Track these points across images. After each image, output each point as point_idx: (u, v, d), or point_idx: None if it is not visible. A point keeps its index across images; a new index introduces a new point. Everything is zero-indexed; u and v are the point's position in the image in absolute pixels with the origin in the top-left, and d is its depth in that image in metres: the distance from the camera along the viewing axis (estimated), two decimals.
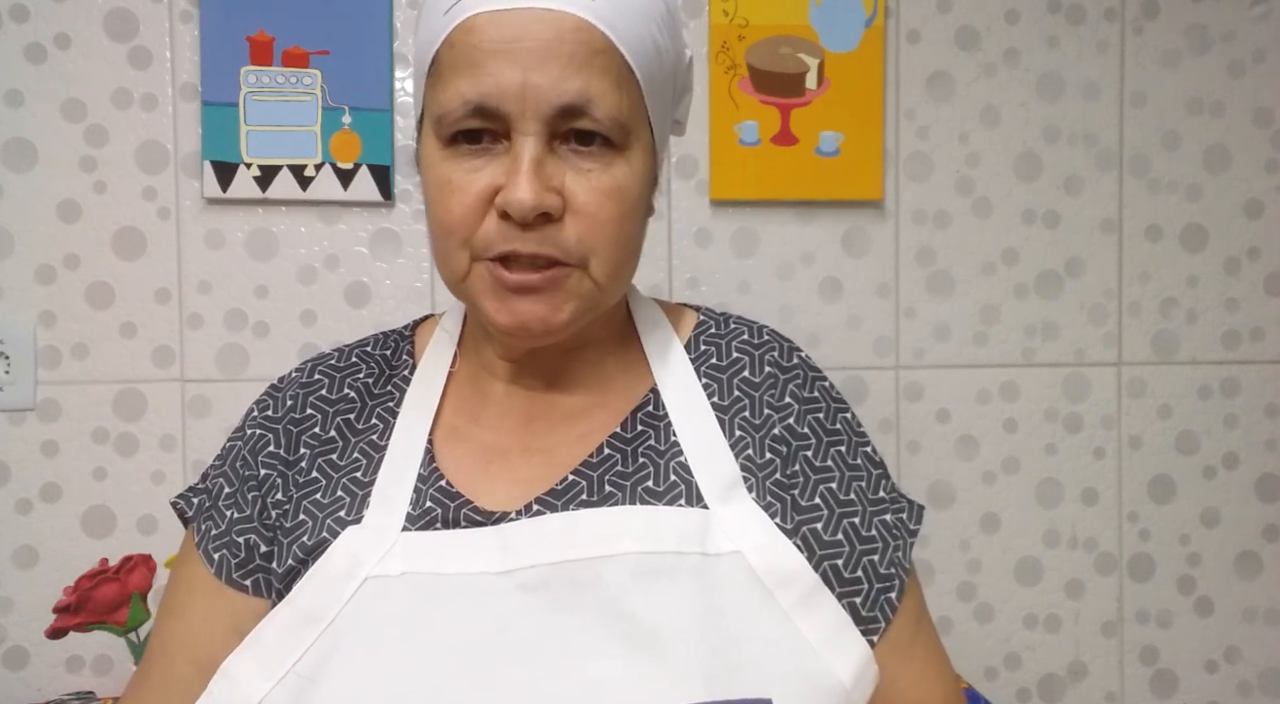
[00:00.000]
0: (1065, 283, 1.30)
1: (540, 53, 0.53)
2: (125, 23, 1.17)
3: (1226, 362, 1.32)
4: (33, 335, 1.16)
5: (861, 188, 1.24)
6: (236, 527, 0.62)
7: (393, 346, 0.69)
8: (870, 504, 0.62)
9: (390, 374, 0.66)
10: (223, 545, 0.62)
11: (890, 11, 1.26)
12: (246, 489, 0.62)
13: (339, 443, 0.63)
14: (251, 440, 0.64)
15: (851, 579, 0.59)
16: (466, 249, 0.56)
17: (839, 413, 0.65)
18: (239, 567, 0.61)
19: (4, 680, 1.16)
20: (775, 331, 0.69)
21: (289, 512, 0.61)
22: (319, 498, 0.61)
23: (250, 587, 0.61)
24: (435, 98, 0.57)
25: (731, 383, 0.64)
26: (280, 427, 0.64)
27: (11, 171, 1.16)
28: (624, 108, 0.56)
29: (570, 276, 0.57)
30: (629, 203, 0.58)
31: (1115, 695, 1.31)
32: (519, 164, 0.54)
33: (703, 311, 0.71)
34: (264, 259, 1.19)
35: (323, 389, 0.66)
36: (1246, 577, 1.32)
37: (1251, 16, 1.31)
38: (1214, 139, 1.31)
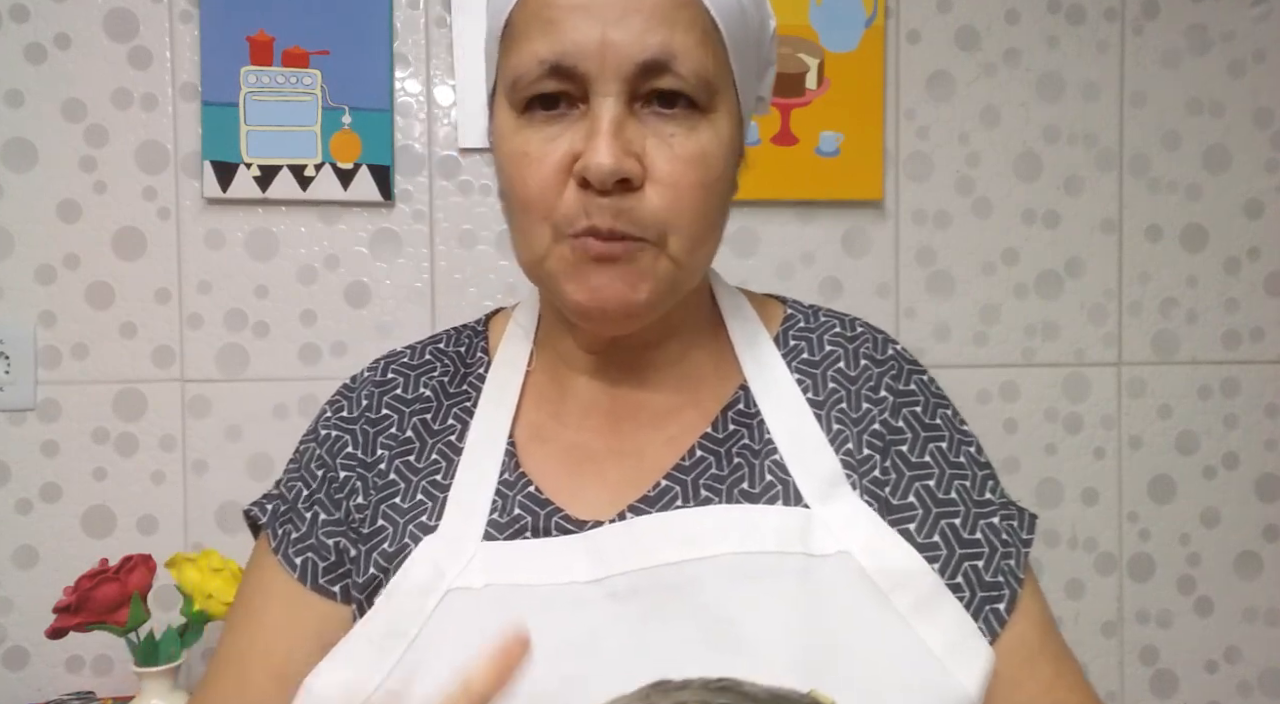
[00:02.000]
0: (1065, 283, 1.30)
1: (620, 7, 0.50)
2: (125, 23, 1.17)
3: (1226, 361, 1.32)
4: (33, 335, 1.16)
5: (861, 188, 1.24)
6: (324, 529, 0.59)
7: (467, 343, 0.66)
8: (975, 506, 0.58)
9: (465, 372, 0.64)
10: (307, 548, 0.58)
11: (890, 11, 1.26)
12: (331, 490, 0.60)
13: (416, 444, 0.60)
14: (328, 442, 0.62)
15: (951, 586, 0.54)
16: (548, 225, 0.53)
17: (939, 408, 0.62)
18: (326, 572, 0.58)
19: (4, 680, 1.16)
20: (869, 324, 0.65)
21: (368, 517, 0.58)
22: (398, 502, 0.58)
23: (339, 593, 0.58)
24: (508, 63, 0.53)
25: (826, 376, 0.61)
26: (357, 427, 0.61)
27: (11, 171, 1.16)
28: (709, 66, 0.52)
29: (646, 252, 0.52)
30: (714, 171, 0.53)
31: (1115, 695, 1.31)
32: (598, 125, 0.50)
33: (790, 303, 0.67)
34: (264, 259, 1.19)
35: (398, 388, 0.63)
36: (1246, 577, 1.32)
37: (1251, 16, 1.31)
38: (1214, 139, 1.31)
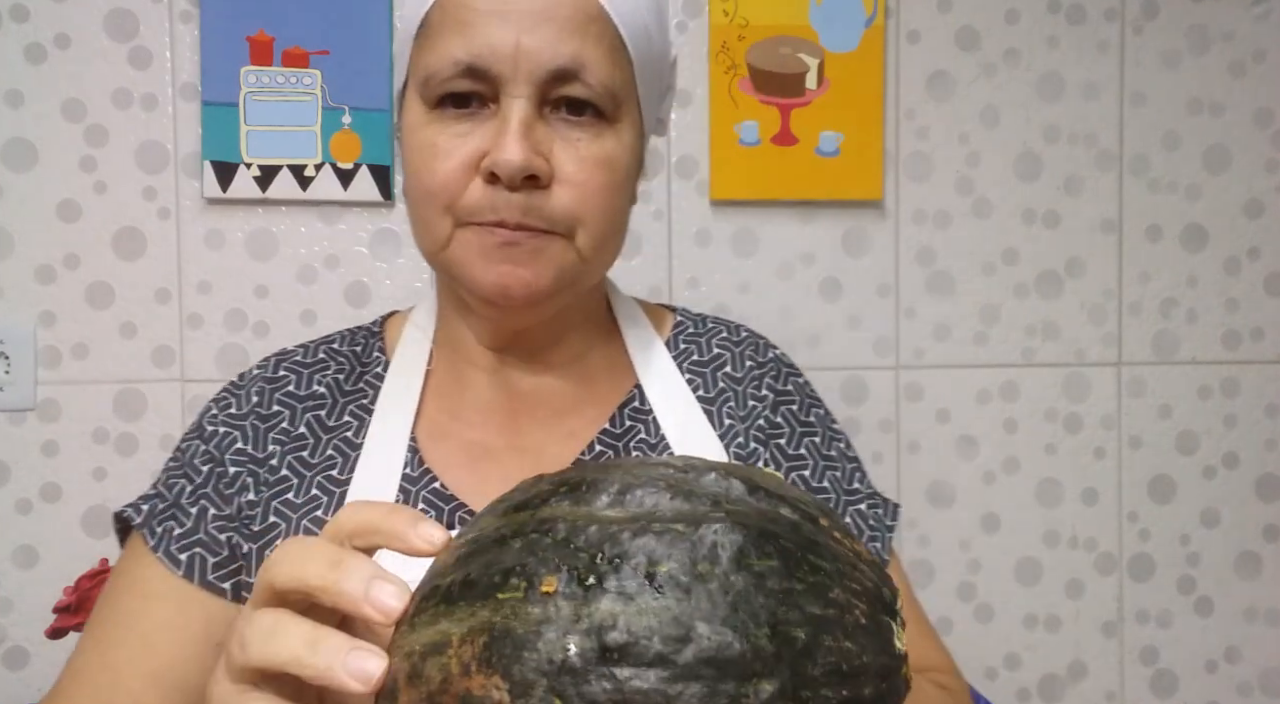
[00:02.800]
0: (1065, 283, 1.30)
1: (535, 15, 0.52)
2: (125, 23, 1.17)
3: (1226, 362, 1.32)
4: (33, 335, 1.16)
5: (861, 188, 1.24)
6: (213, 524, 0.58)
7: (363, 343, 0.66)
8: (845, 494, 0.63)
9: (361, 371, 0.64)
10: (194, 544, 0.57)
11: (890, 11, 1.26)
12: (220, 485, 0.59)
13: (310, 440, 0.60)
14: (215, 438, 0.61)
15: None
16: (449, 215, 0.55)
17: (812, 407, 0.66)
18: (217, 567, 0.57)
19: (4, 680, 1.16)
20: (752, 331, 0.69)
21: (259, 513, 0.58)
22: (291, 498, 0.58)
23: (229, 591, 0.56)
24: (422, 60, 0.55)
25: (715, 376, 0.64)
26: (246, 423, 0.61)
27: (11, 171, 1.16)
28: (616, 79, 0.55)
29: (554, 244, 0.55)
30: (618, 175, 0.56)
31: (1115, 695, 1.31)
32: (508, 124, 0.52)
33: (679, 312, 0.71)
34: (264, 259, 1.19)
35: (289, 385, 0.63)
36: (1246, 577, 1.32)
37: (1251, 16, 1.31)
38: (1214, 139, 1.31)
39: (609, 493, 0.29)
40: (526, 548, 0.28)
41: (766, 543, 0.27)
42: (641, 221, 1.24)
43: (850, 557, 0.29)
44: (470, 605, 0.28)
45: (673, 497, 0.29)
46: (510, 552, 0.28)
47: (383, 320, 0.69)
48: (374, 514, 0.34)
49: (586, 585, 0.26)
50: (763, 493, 0.30)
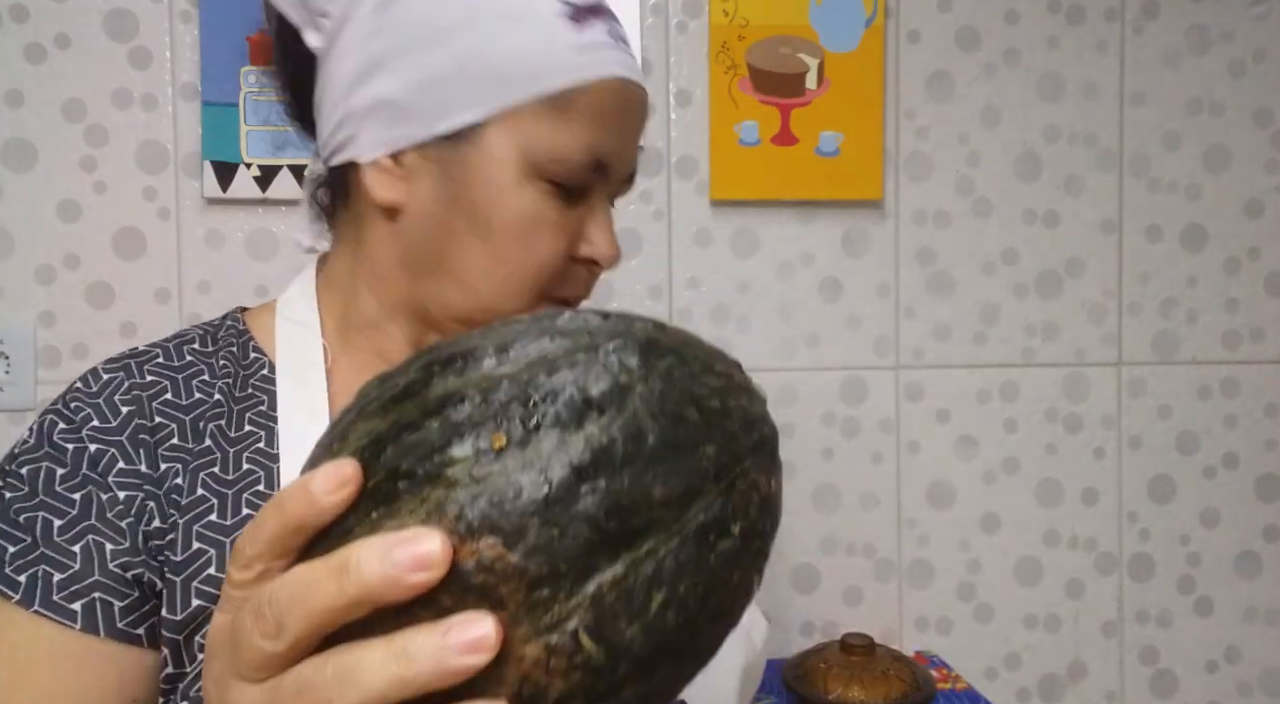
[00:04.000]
0: (1065, 283, 1.30)
1: (638, 126, 0.58)
2: (125, 23, 1.17)
3: (1226, 362, 1.32)
4: (33, 335, 1.16)
5: (861, 188, 1.24)
6: (114, 561, 0.49)
7: (233, 343, 0.60)
8: None
9: (245, 374, 0.58)
10: (91, 588, 0.48)
11: (890, 11, 1.26)
12: (110, 514, 0.50)
13: (217, 454, 0.54)
14: (83, 458, 0.51)
15: None
16: (534, 291, 0.55)
17: None
18: (127, 612, 0.48)
19: None
20: None
21: (175, 542, 0.51)
22: (216, 519, 0.52)
23: (144, 636, 0.49)
24: (548, 132, 0.53)
25: None
26: (124, 438, 0.53)
27: (11, 171, 1.16)
28: None
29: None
30: None
31: (1115, 695, 1.31)
32: (607, 222, 0.57)
33: None
34: (264, 259, 1.19)
35: (166, 392, 0.55)
36: (1246, 577, 1.32)
37: (1251, 16, 1.31)
38: (1214, 139, 1.31)
39: (489, 355, 0.30)
40: (448, 424, 0.28)
41: (654, 347, 0.30)
42: (641, 221, 1.24)
43: (696, 340, 0.34)
44: (416, 494, 0.27)
45: (550, 338, 0.30)
46: (431, 432, 0.28)
47: (236, 317, 0.63)
48: (270, 521, 0.29)
49: (532, 427, 0.27)
50: (610, 316, 0.32)
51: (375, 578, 0.26)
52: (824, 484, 1.26)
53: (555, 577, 0.26)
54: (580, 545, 0.26)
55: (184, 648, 0.49)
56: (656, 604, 0.27)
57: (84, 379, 0.56)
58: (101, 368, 0.56)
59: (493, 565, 0.26)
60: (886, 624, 1.27)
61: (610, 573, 0.27)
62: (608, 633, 0.27)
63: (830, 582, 1.27)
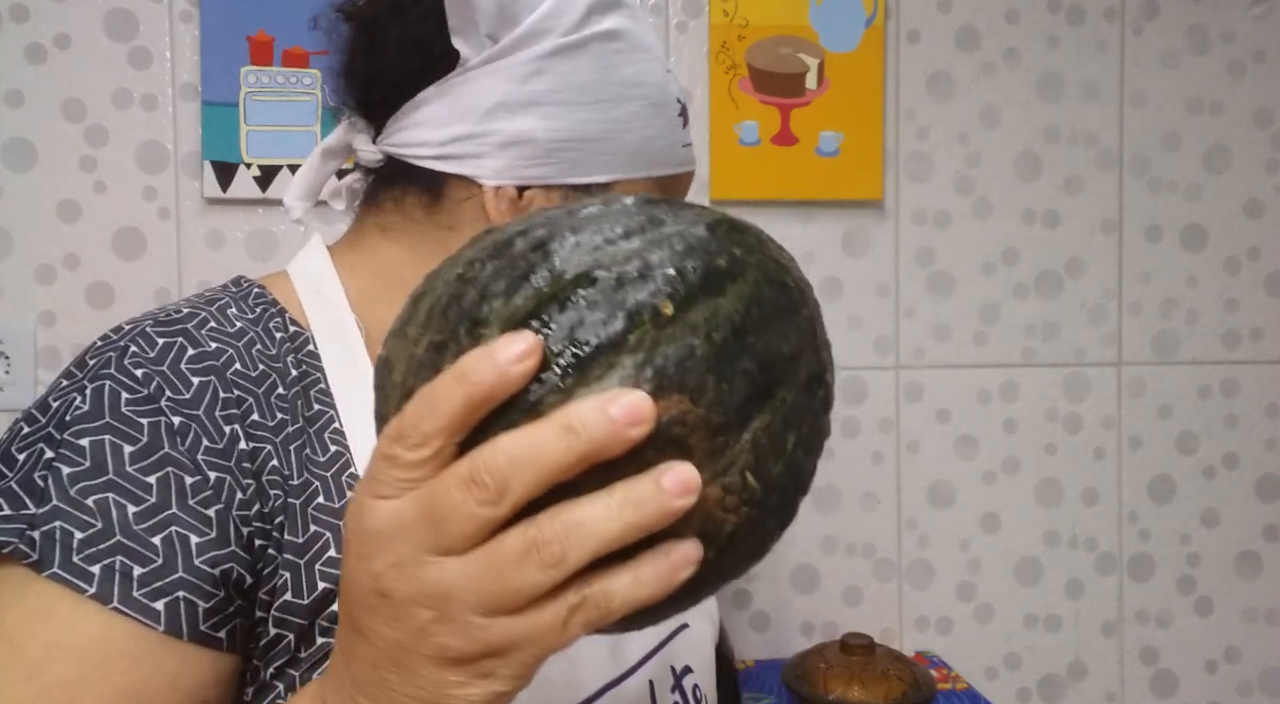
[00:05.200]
0: (1065, 283, 1.30)
1: None
2: (125, 23, 1.17)
3: (1226, 362, 1.32)
4: (33, 335, 1.16)
5: (861, 188, 1.24)
6: (203, 556, 0.45)
7: (267, 312, 0.56)
8: None
9: (293, 348, 0.55)
10: (175, 586, 0.44)
11: (890, 11, 1.26)
12: (193, 501, 0.45)
13: (305, 434, 0.51)
14: (161, 434, 0.46)
15: None
16: None
17: None
18: (212, 612, 0.45)
19: None
20: None
21: (288, 524, 0.48)
22: (323, 502, 0.50)
23: (225, 639, 0.46)
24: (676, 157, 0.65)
25: None
26: (202, 413, 0.47)
27: (11, 171, 1.16)
28: None
29: None
30: None
31: (1115, 695, 1.31)
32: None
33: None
34: (264, 259, 1.19)
35: (236, 363, 0.51)
36: (1246, 577, 1.32)
37: (1251, 16, 1.31)
38: (1214, 139, 1.31)
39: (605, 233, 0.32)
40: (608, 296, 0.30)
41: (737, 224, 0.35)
42: None
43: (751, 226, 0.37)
44: (603, 361, 0.29)
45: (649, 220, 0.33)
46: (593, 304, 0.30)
47: (252, 287, 0.59)
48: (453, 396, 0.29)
49: (685, 296, 0.30)
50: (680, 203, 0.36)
51: (602, 433, 0.28)
52: (824, 484, 1.26)
53: (727, 426, 0.30)
54: (743, 397, 0.30)
55: (310, 632, 0.47)
56: (791, 444, 0.32)
57: (136, 342, 0.49)
58: (151, 329, 0.50)
59: (684, 418, 0.29)
60: (886, 624, 1.27)
61: (760, 420, 0.31)
62: (764, 471, 0.31)
63: (830, 582, 1.27)
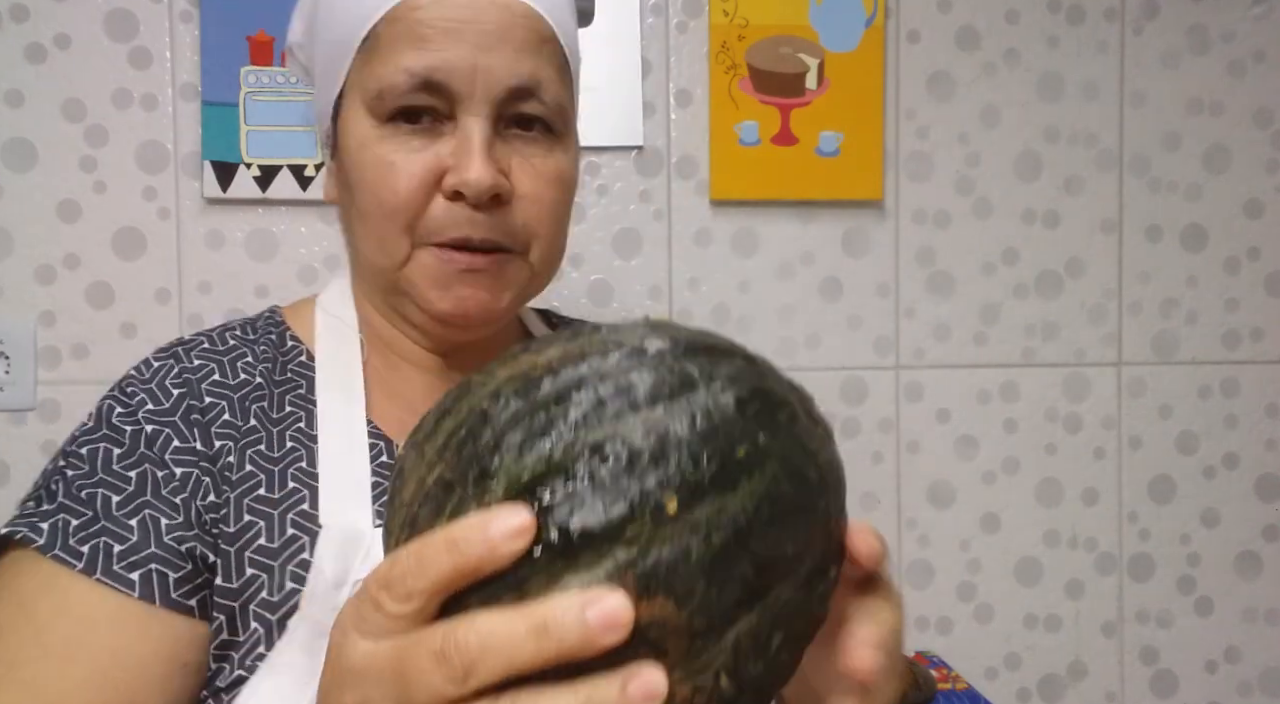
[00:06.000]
0: (1065, 283, 1.30)
1: (494, 35, 0.53)
2: (125, 23, 1.17)
3: (1226, 362, 1.32)
4: (33, 335, 1.16)
5: (861, 188, 1.24)
6: (170, 535, 0.51)
7: (272, 332, 0.63)
8: None
9: (283, 360, 0.60)
10: (147, 559, 0.50)
11: (890, 11, 1.26)
12: (165, 490, 0.52)
13: (262, 432, 0.56)
14: (140, 438, 0.54)
15: None
16: (409, 235, 0.55)
17: None
18: (181, 582, 0.51)
19: None
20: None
21: (228, 515, 0.53)
22: (264, 493, 0.54)
23: (196, 607, 0.51)
24: (371, 72, 0.55)
25: None
26: (177, 419, 0.55)
27: (11, 171, 1.16)
28: (564, 97, 0.57)
29: (513, 263, 0.57)
30: (568, 190, 0.58)
31: (1115, 695, 1.31)
32: (470, 143, 0.53)
33: (552, 315, 0.75)
34: (264, 259, 1.19)
35: (214, 375, 0.58)
36: (1246, 577, 1.32)
37: (1251, 16, 1.31)
38: (1214, 139, 1.31)
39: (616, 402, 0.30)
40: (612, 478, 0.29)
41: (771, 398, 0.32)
42: (642, 221, 1.24)
43: (787, 381, 0.35)
44: (596, 551, 0.28)
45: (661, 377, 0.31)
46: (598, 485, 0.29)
47: (272, 312, 0.66)
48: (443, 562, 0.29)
49: (694, 489, 0.29)
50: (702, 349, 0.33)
51: (574, 637, 0.27)
52: None
53: (709, 629, 0.29)
54: (732, 601, 0.29)
55: (239, 616, 0.52)
56: (776, 644, 0.31)
57: (137, 368, 0.59)
58: (152, 357, 0.60)
59: (665, 622, 0.28)
60: None
61: (747, 622, 0.30)
62: (741, 672, 0.30)
63: None
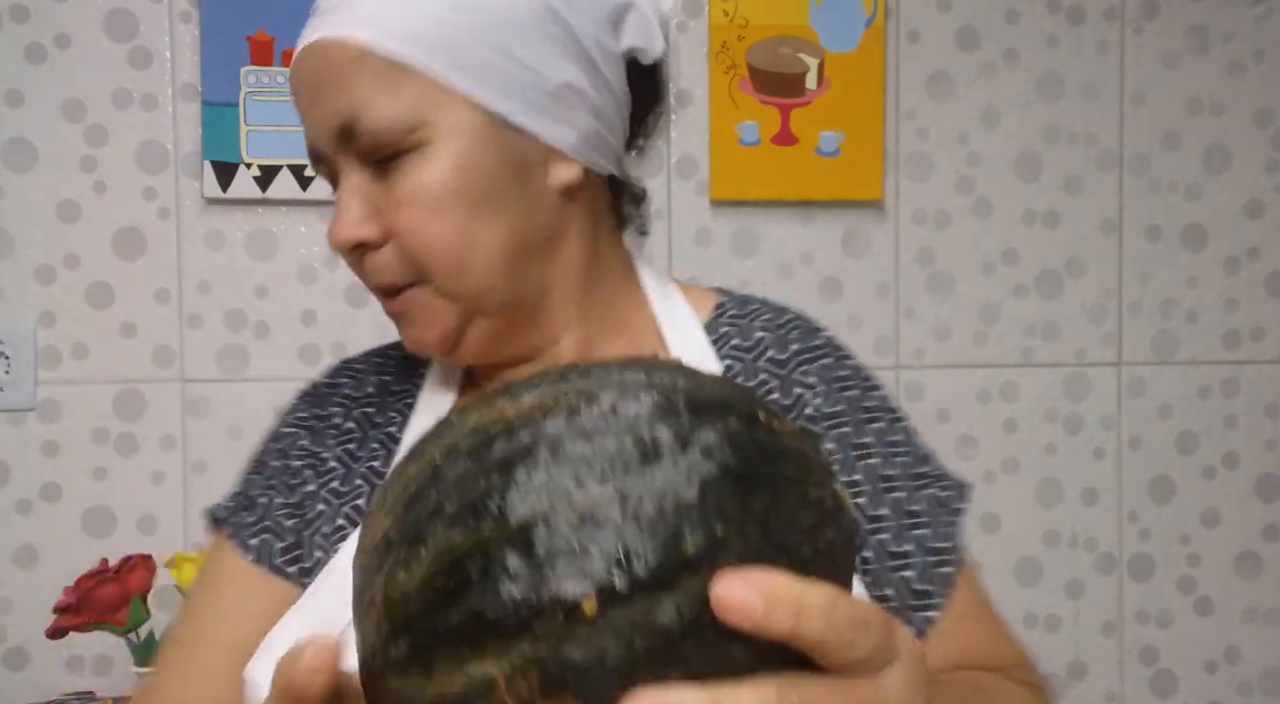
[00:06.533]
0: (1065, 283, 1.30)
1: (312, 90, 0.53)
2: (125, 23, 1.17)
3: (1226, 361, 1.32)
4: (33, 335, 1.16)
5: (861, 188, 1.24)
6: (279, 512, 0.61)
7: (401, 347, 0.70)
8: (914, 479, 0.61)
9: (410, 372, 0.66)
10: (262, 531, 0.60)
11: (890, 11, 1.26)
12: (286, 478, 0.63)
13: (357, 433, 0.63)
14: (282, 438, 0.65)
15: (900, 553, 0.58)
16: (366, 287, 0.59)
17: (870, 390, 0.66)
18: (283, 552, 0.60)
19: (4, 680, 1.16)
20: (801, 313, 0.68)
21: (313, 502, 0.61)
22: (336, 486, 0.61)
23: (295, 574, 0.59)
24: None
25: (756, 365, 0.63)
26: (307, 425, 0.65)
27: (11, 171, 1.16)
28: (399, 104, 0.51)
29: (421, 294, 0.54)
30: (434, 199, 0.52)
31: (1115, 695, 1.31)
32: (337, 201, 0.54)
33: (722, 292, 0.70)
34: (264, 259, 1.19)
35: (346, 387, 0.66)
36: (1246, 577, 1.32)
37: (1251, 16, 1.31)
38: (1214, 139, 1.31)
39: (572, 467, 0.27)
40: (535, 564, 0.26)
41: (750, 481, 0.27)
42: None
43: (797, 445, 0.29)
44: (502, 642, 0.26)
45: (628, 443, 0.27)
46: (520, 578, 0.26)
47: None
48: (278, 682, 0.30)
49: (625, 591, 0.25)
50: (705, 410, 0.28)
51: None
52: None
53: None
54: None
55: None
56: None
57: (312, 380, 0.69)
58: (317, 375, 0.70)
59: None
60: None
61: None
62: None
63: None
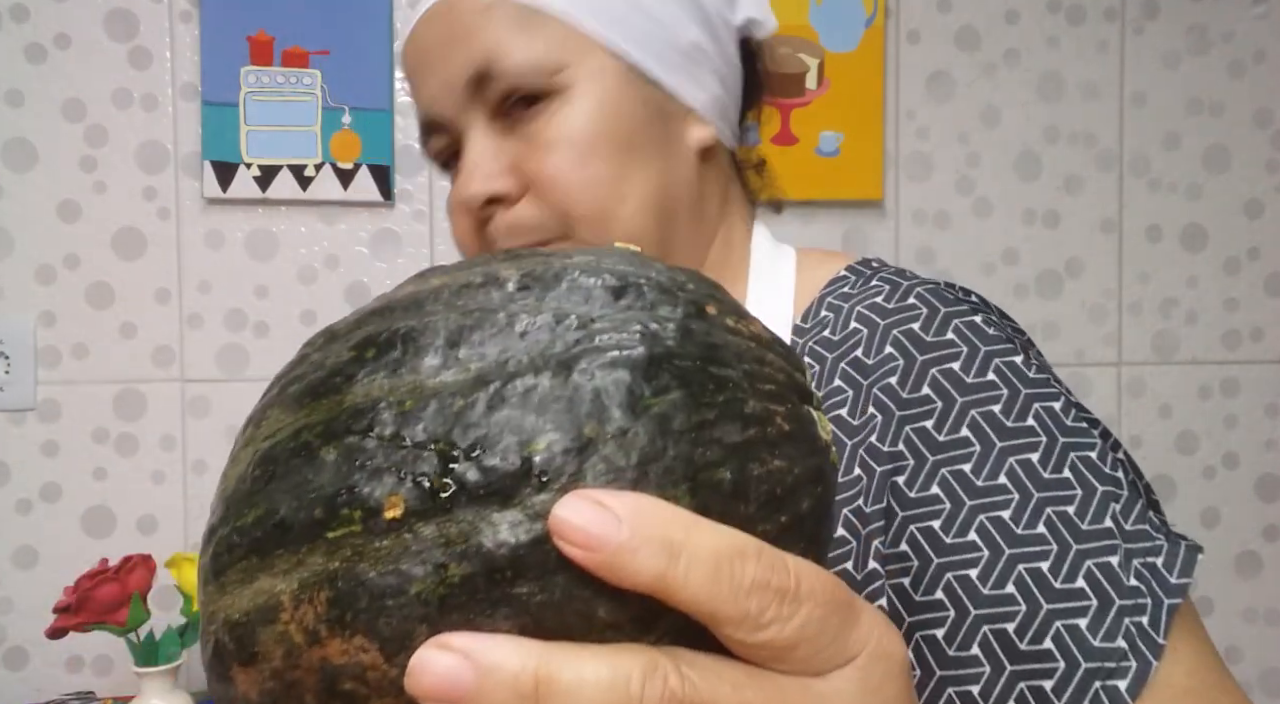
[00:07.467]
0: (1065, 283, 1.30)
1: (438, 48, 0.50)
2: (125, 23, 1.17)
3: (1226, 362, 1.32)
4: (33, 335, 1.16)
5: (861, 188, 1.24)
6: None
7: None
8: (1084, 541, 0.39)
9: None
10: None
11: (890, 11, 1.26)
12: None
13: None
14: None
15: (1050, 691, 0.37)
16: None
17: (1028, 405, 0.42)
18: None
19: (4, 680, 1.16)
20: (940, 292, 0.48)
21: None
22: None
23: None
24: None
25: (837, 367, 0.48)
26: None
27: (11, 171, 1.16)
28: (538, 46, 0.49)
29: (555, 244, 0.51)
30: (583, 143, 0.49)
31: None
32: (464, 160, 0.50)
33: (854, 266, 0.55)
34: (264, 259, 1.20)
35: None
36: (1246, 577, 1.32)
37: (1251, 16, 1.31)
38: (1214, 139, 1.31)
39: (435, 348, 0.22)
40: (345, 459, 0.21)
41: (659, 370, 0.21)
42: None
43: (752, 347, 0.23)
44: (293, 552, 0.21)
45: (522, 332, 0.22)
46: (325, 468, 0.21)
47: None
48: None
49: (444, 497, 0.20)
50: (631, 291, 0.23)
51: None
52: None
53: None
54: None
55: None
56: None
57: None
58: None
59: (364, 675, 0.20)
60: None
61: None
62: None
63: None
